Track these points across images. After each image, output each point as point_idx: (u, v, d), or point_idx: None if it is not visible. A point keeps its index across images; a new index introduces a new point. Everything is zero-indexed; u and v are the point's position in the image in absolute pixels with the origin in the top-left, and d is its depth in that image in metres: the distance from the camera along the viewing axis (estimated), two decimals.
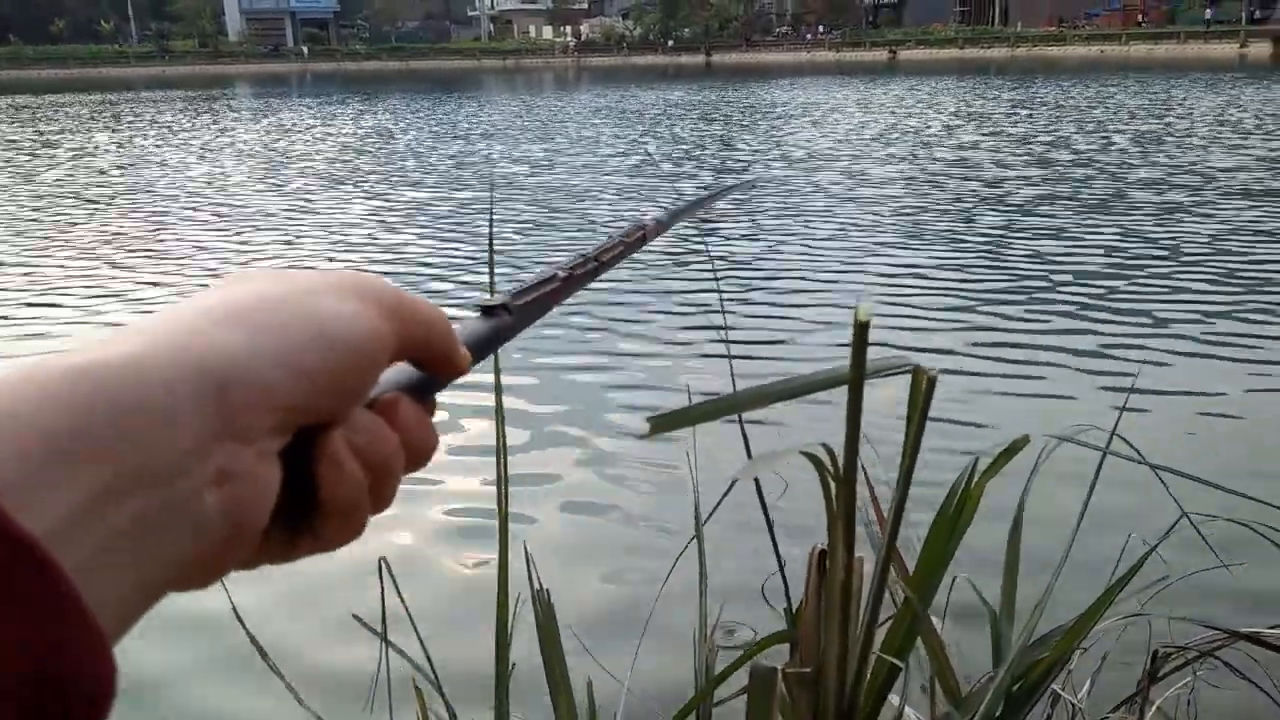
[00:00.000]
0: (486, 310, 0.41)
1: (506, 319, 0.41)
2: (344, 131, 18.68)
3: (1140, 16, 63.80)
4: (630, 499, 3.13)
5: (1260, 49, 49.50)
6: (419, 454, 0.36)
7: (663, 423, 0.59)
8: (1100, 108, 19.17)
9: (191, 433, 0.28)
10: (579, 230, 8.09)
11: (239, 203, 9.91)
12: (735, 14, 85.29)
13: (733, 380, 0.99)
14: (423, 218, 8.83)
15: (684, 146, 14.51)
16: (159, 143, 16.87)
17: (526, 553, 1.14)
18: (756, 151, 13.36)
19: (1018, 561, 1.22)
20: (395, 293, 0.36)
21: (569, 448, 3.54)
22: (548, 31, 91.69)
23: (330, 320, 0.32)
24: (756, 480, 1.02)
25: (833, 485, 0.71)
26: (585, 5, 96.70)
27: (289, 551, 0.34)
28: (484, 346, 0.40)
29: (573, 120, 20.58)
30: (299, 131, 18.90)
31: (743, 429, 1.01)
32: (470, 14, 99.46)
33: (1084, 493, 1.16)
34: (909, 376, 0.71)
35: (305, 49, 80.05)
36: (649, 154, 13.62)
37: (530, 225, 8.35)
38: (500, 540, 1.04)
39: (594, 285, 0.50)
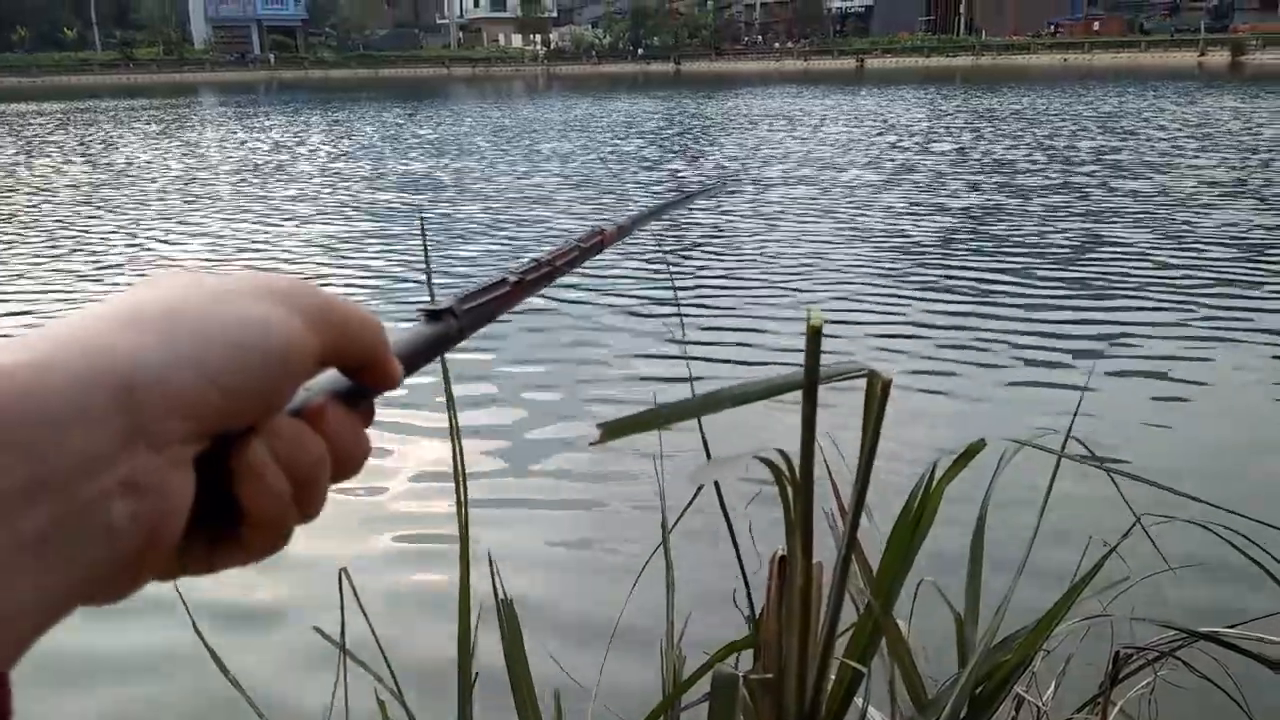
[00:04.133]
0: (431, 315, 0.40)
1: (452, 324, 0.40)
2: (300, 137, 18.57)
3: (1096, 26, 64.81)
4: (596, 506, 3.12)
5: (1219, 57, 50.47)
6: (348, 462, 0.35)
7: (614, 429, 0.58)
8: (1059, 116, 19.44)
9: (97, 440, 0.27)
10: (541, 235, 8.09)
11: (178, 208, 9.95)
12: (704, 23, 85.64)
13: (691, 386, 0.99)
14: (373, 224, 8.80)
15: (650, 153, 14.49)
16: (101, 148, 16.68)
17: (491, 562, 1.13)
18: (721, 159, 13.41)
19: (981, 564, 1.23)
20: (322, 298, 0.35)
21: (531, 455, 3.53)
22: (517, 40, 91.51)
23: (248, 325, 0.31)
24: (717, 486, 1.02)
25: (790, 491, 0.71)
26: (554, 14, 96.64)
27: (210, 562, 0.33)
28: (427, 352, 0.39)
29: (539, 126, 20.56)
30: (257, 136, 18.78)
31: (703, 435, 1.01)
32: (439, 22, 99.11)
33: (1047, 493, 1.17)
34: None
35: (272, 57, 79.40)
36: (605, 162, 13.62)
37: (487, 230, 8.33)
38: (461, 549, 1.03)
39: (552, 291, 0.50)
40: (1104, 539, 1.41)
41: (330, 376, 0.36)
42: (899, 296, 5.66)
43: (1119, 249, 6.77)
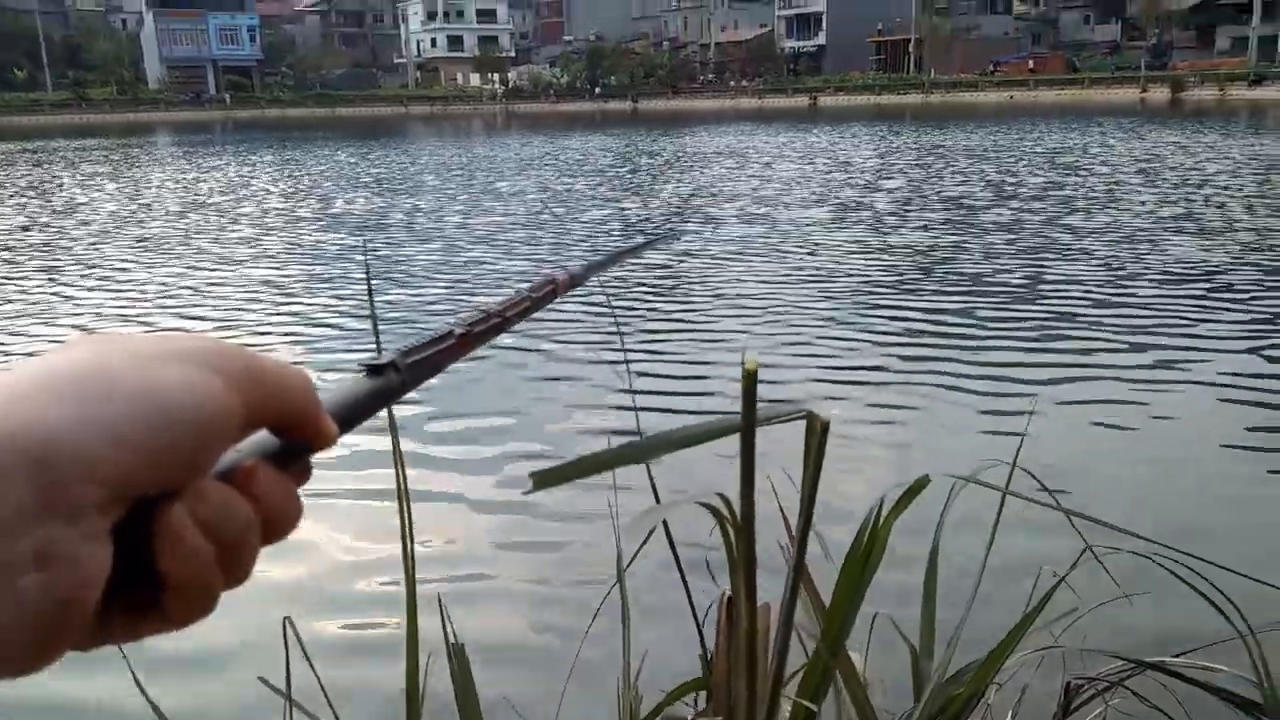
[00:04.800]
0: (372, 369, 0.39)
1: (394, 379, 0.40)
2: (250, 177, 18.45)
3: (1030, 65, 66.77)
4: (549, 548, 3.09)
5: (1160, 94, 52.08)
6: (279, 524, 0.35)
7: (545, 479, 0.56)
8: (1007, 151, 19.90)
9: (4, 510, 0.26)
10: (494, 279, 7.96)
11: (113, 252, 9.65)
12: (660, 62, 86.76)
13: (639, 428, 0.99)
14: (320, 268, 8.57)
15: (604, 192, 14.52)
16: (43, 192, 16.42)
17: (441, 607, 1.12)
18: (675, 197, 13.42)
19: (935, 597, 1.23)
20: (246, 359, 0.34)
21: (481, 498, 3.49)
22: (475, 79, 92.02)
23: (167, 389, 0.30)
24: (667, 528, 1.02)
25: (732, 533, 0.71)
26: (512, 53, 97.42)
27: (134, 630, 0.32)
28: (367, 407, 0.39)
29: (496, 165, 20.62)
30: (205, 176, 18.64)
31: (651, 480, 1.01)
32: (397, 61, 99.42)
33: (1004, 524, 1.18)
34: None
35: (228, 96, 79.00)
36: (560, 201, 13.64)
37: (438, 273, 8.19)
38: (408, 594, 1.01)
39: (502, 339, 0.49)
40: (1054, 569, 1.43)
41: (261, 437, 0.35)
42: (850, 334, 5.69)
43: (1065, 284, 6.87)
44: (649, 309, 6.57)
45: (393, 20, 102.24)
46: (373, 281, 7.88)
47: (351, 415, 0.38)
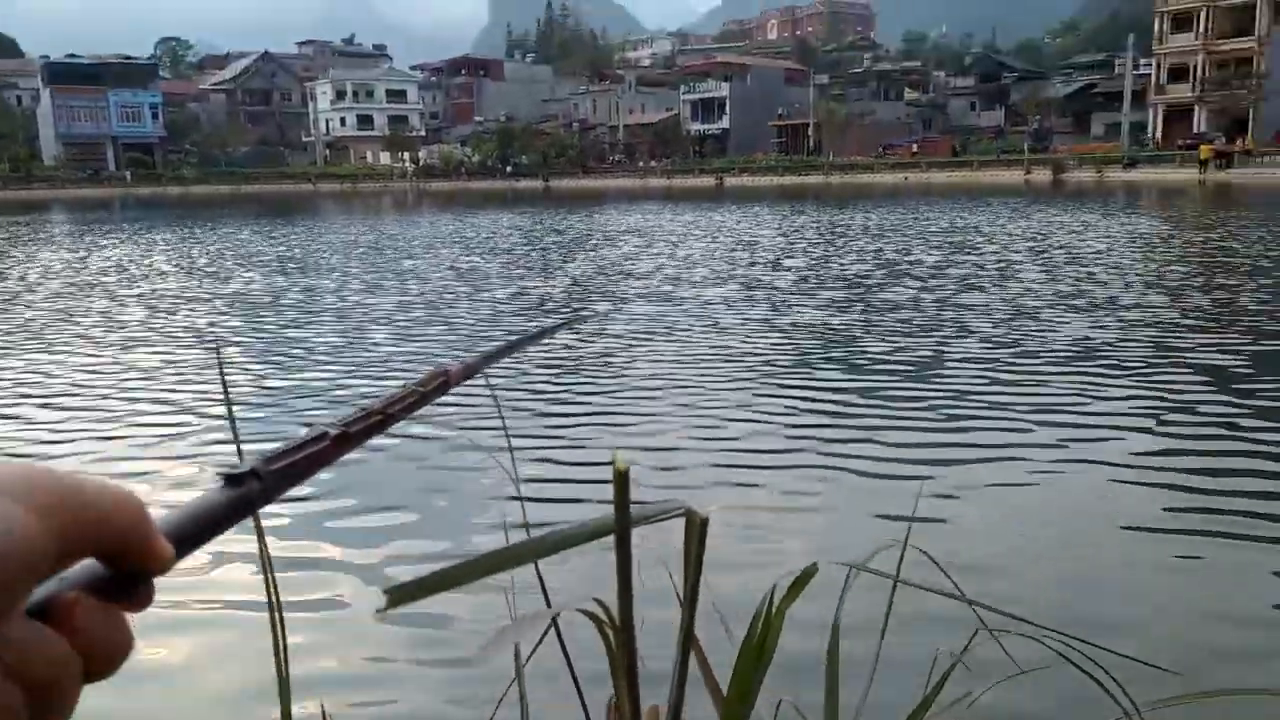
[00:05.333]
0: (230, 479, 0.37)
1: (254, 488, 0.38)
2: (138, 257, 17.94)
3: (915, 148, 70.35)
4: (441, 664, 2.91)
5: (1042, 175, 55.14)
6: (104, 659, 0.32)
7: (401, 595, 0.52)
8: (902, 230, 20.71)
9: None
10: (388, 365, 7.56)
11: None
12: (570, 143, 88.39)
13: (528, 529, 0.96)
14: (198, 354, 7.99)
15: (510, 271, 14.43)
16: None
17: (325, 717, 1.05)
18: (579, 277, 13.40)
19: (837, 684, 1.22)
20: (58, 484, 0.32)
21: (358, 604, 3.26)
22: (385, 157, 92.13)
23: None
24: (559, 632, 0.98)
25: (612, 637, 0.69)
26: (423, 132, 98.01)
27: None
28: (221, 521, 0.37)
29: (401, 243, 20.49)
30: (90, 255, 18.05)
31: (541, 580, 0.97)
32: (305, 139, 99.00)
33: (905, 606, 1.18)
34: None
35: (129, 173, 77.24)
36: (463, 280, 13.59)
37: (330, 358, 7.81)
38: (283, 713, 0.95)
39: (391, 432, 0.47)
40: (952, 650, 1.43)
41: (86, 566, 0.33)
42: (750, 417, 5.62)
43: (961, 363, 7.00)
44: (548, 394, 6.34)
45: (301, 99, 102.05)
46: (261, 368, 7.47)
47: (198, 532, 0.36)
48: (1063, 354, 7.17)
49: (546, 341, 7.70)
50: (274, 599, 0.99)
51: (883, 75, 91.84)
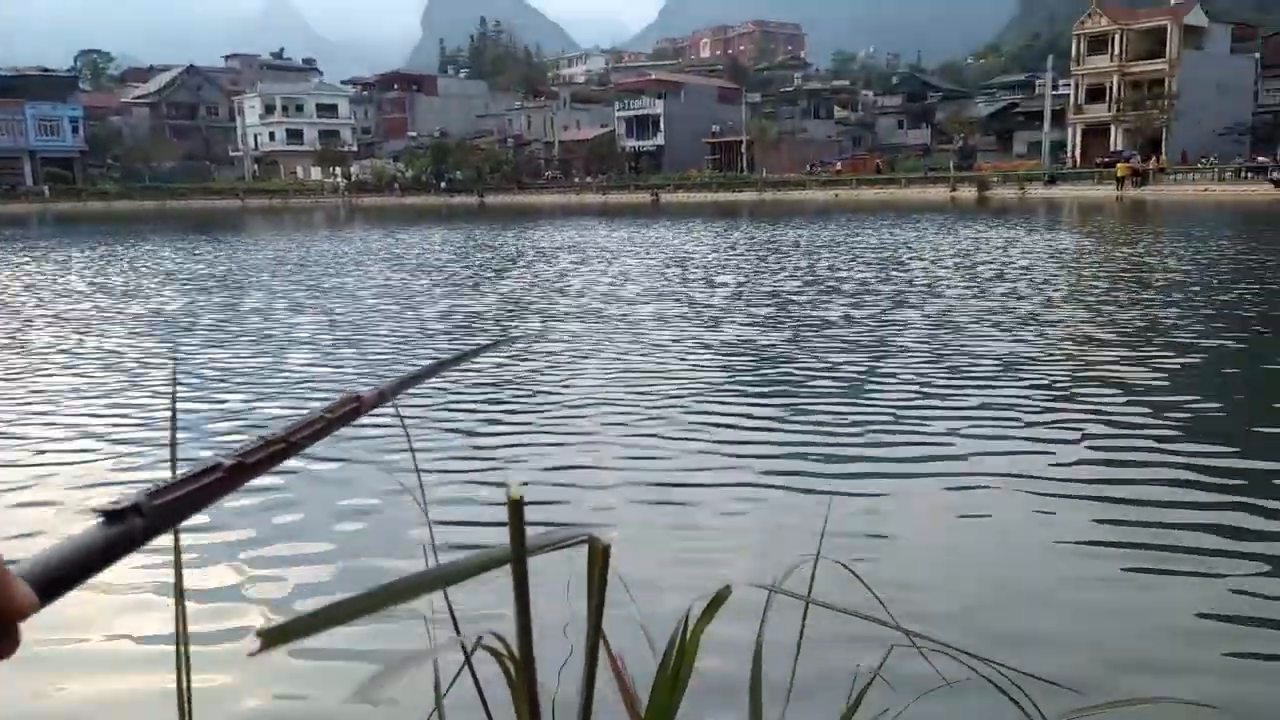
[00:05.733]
0: (110, 516, 0.36)
1: (136, 525, 0.36)
2: (53, 275, 17.36)
3: (838, 166, 71.97)
4: (356, 680, 2.82)
5: (968, 193, 56.56)
6: None
7: (275, 637, 0.49)
8: (832, 246, 21.03)
9: None
10: (304, 389, 7.25)
11: None
12: (505, 158, 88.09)
13: (433, 557, 0.93)
14: (119, 381, 7.60)
15: (439, 290, 14.21)
16: None
17: None
18: (509, 295, 13.23)
19: (761, 706, 1.21)
20: None
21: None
22: (316, 172, 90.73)
23: None
24: (472, 669, 0.95)
25: (512, 670, 0.67)
26: (355, 147, 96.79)
27: None
28: (95, 562, 0.35)
29: (329, 260, 20.17)
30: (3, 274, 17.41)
31: (451, 611, 0.95)
32: (233, 154, 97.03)
33: (826, 621, 1.17)
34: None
35: (47, 188, 74.71)
36: (391, 298, 13.39)
37: (246, 382, 7.47)
38: None
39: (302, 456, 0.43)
40: (874, 667, 1.44)
41: None
42: (680, 435, 5.56)
43: (890, 381, 7.03)
44: (471, 417, 6.16)
45: (228, 113, 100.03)
46: (172, 392, 7.06)
47: (69, 574, 0.34)
48: (989, 370, 7.27)
49: (473, 363, 7.55)
50: (181, 633, 0.95)
51: (813, 94, 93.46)
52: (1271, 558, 3.66)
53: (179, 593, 0.90)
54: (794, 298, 12.01)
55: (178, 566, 0.86)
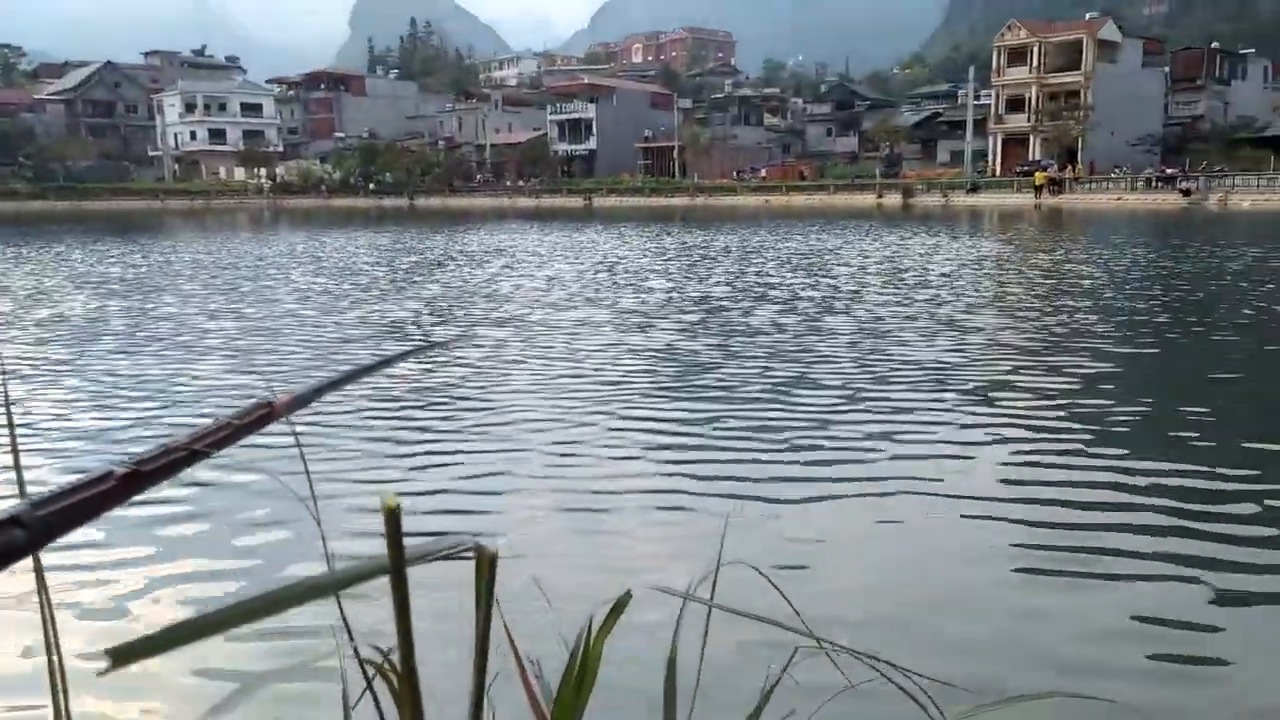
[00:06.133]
0: None
1: (17, 536, 0.34)
2: None
3: (764, 172, 73.22)
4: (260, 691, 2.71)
5: (893, 200, 57.76)
6: None
7: (125, 655, 0.46)
8: (762, 252, 21.25)
9: None
10: (215, 396, 7.01)
11: None
12: (436, 161, 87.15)
13: (330, 566, 0.91)
14: (22, 390, 7.25)
15: (361, 294, 13.92)
16: None
17: None
18: (436, 299, 13.07)
19: (675, 712, 1.21)
20: None
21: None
22: (240, 173, 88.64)
23: None
24: (373, 690, 0.93)
25: (397, 685, 0.65)
26: (280, 148, 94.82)
27: None
28: None
29: (250, 263, 19.71)
30: None
31: (347, 622, 0.92)
32: (152, 154, 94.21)
33: (742, 627, 1.17)
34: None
35: None
36: (309, 303, 13.14)
37: (157, 389, 7.22)
38: None
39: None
40: (789, 672, 1.45)
41: None
42: (599, 448, 5.46)
43: (811, 388, 7.07)
44: (387, 425, 5.99)
45: (147, 111, 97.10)
46: (72, 400, 6.85)
47: None
48: (912, 376, 7.35)
49: (395, 370, 7.38)
50: (55, 654, 0.90)
51: (744, 101, 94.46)
52: (1185, 557, 3.78)
53: (46, 609, 0.85)
54: (723, 303, 12.07)
55: (39, 579, 0.82)
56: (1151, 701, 2.72)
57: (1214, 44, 74.83)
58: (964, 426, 5.84)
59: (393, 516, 0.55)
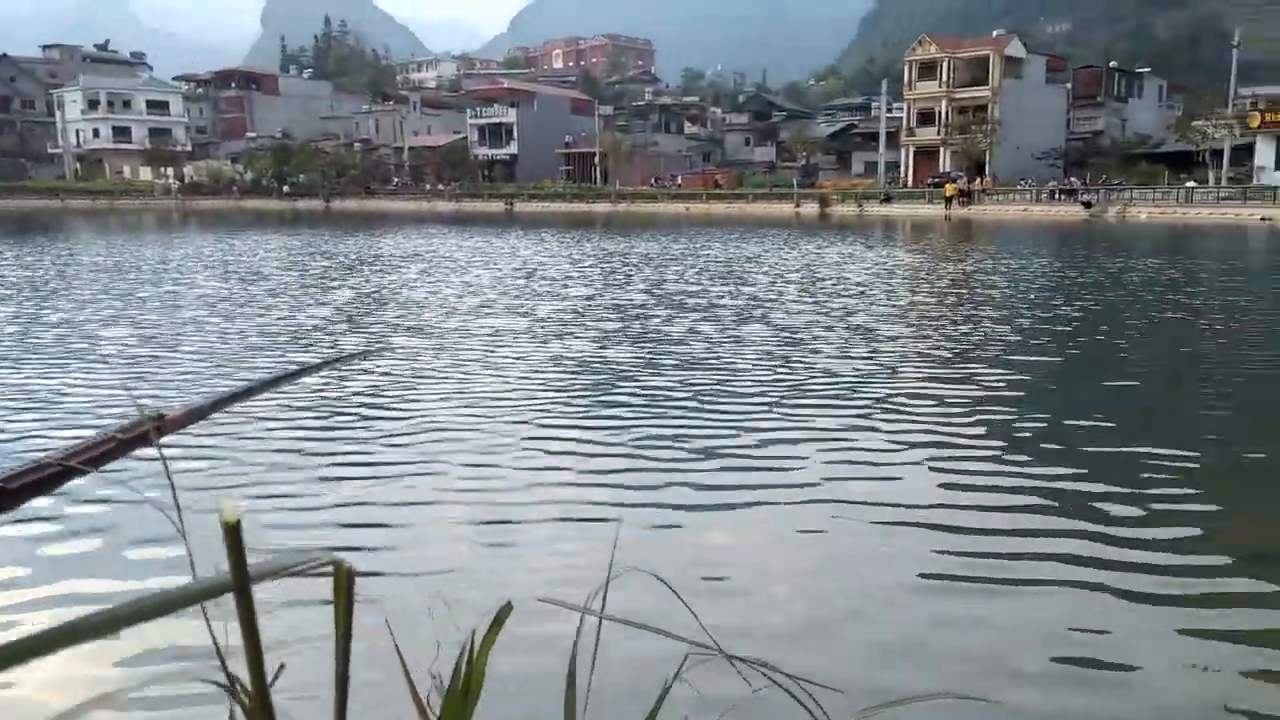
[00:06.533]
0: None
1: None
2: None
3: (679, 180, 74.11)
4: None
5: (810, 209, 58.76)
6: None
7: None
8: (682, 259, 21.38)
9: None
10: (113, 413, 6.56)
11: None
12: (352, 163, 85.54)
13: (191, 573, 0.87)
14: None
15: (270, 300, 13.52)
16: None
17: None
18: (346, 305, 12.74)
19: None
20: None
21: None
22: (146, 172, 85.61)
23: None
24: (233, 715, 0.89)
25: (247, 704, 0.62)
26: (188, 147, 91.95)
27: None
28: None
29: (154, 266, 19.03)
30: None
31: (218, 647, 0.88)
32: (52, 151, 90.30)
33: (646, 637, 1.15)
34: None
35: None
36: (213, 310, 12.75)
37: (38, 402, 6.84)
38: None
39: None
40: (690, 682, 1.45)
41: None
42: (508, 461, 5.32)
43: (727, 397, 7.04)
44: (289, 440, 5.77)
45: (46, 107, 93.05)
46: None
47: None
48: (826, 387, 7.36)
49: (299, 383, 7.09)
50: None
51: (664, 109, 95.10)
52: (1088, 560, 3.90)
53: None
54: (643, 311, 12.04)
55: None
56: (1053, 706, 2.79)
57: (1112, 63, 78.17)
58: (876, 434, 5.91)
59: (232, 532, 0.53)
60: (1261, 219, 41.82)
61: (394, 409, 6.59)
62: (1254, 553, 3.98)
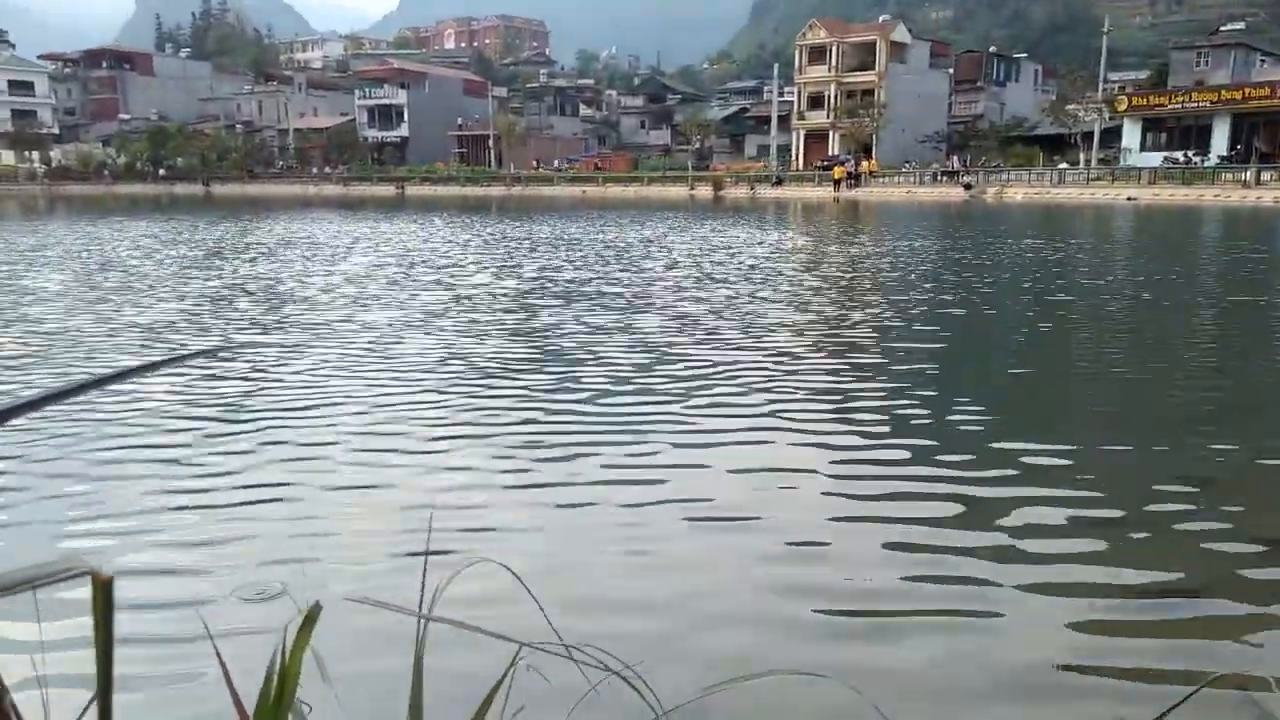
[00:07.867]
0: None
1: None
2: None
3: (567, 164, 74.29)
4: None
5: (705, 191, 59.35)
6: None
7: None
8: (580, 243, 21.34)
9: None
10: None
11: None
12: (233, 145, 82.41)
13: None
14: None
15: (129, 286, 12.89)
16: None
17: None
18: (218, 299, 12.09)
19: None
20: None
21: None
22: (8, 156, 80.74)
23: None
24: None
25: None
26: (55, 130, 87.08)
27: None
28: None
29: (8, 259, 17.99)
30: None
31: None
32: None
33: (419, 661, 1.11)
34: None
35: None
36: (60, 301, 12.13)
37: None
38: None
39: None
40: (543, 675, 1.45)
41: None
42: (368, 462, 4.96)
43: (610, 389, 6.83)
44: (132, 445, 5.29)
45: None
46: None
47: None
48: (715, 375, 7.17)
49: (151, 378, 6.60)
50: None
51: (559, 91, 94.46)
52: (962, 550, 4.05)
53: None
54: (532, 299, 11.72)
55: None
56: (896, 661, 2.89)
57: (992, 48, 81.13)
58: (764, 425, 5.74)
59: None
60: (1128, 199, 44.21)
61: (233, 412, 6.06)
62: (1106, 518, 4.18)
